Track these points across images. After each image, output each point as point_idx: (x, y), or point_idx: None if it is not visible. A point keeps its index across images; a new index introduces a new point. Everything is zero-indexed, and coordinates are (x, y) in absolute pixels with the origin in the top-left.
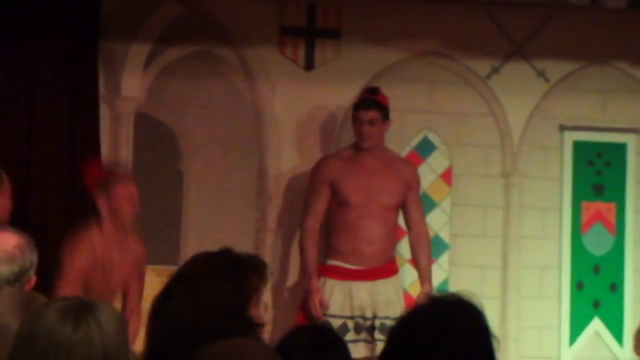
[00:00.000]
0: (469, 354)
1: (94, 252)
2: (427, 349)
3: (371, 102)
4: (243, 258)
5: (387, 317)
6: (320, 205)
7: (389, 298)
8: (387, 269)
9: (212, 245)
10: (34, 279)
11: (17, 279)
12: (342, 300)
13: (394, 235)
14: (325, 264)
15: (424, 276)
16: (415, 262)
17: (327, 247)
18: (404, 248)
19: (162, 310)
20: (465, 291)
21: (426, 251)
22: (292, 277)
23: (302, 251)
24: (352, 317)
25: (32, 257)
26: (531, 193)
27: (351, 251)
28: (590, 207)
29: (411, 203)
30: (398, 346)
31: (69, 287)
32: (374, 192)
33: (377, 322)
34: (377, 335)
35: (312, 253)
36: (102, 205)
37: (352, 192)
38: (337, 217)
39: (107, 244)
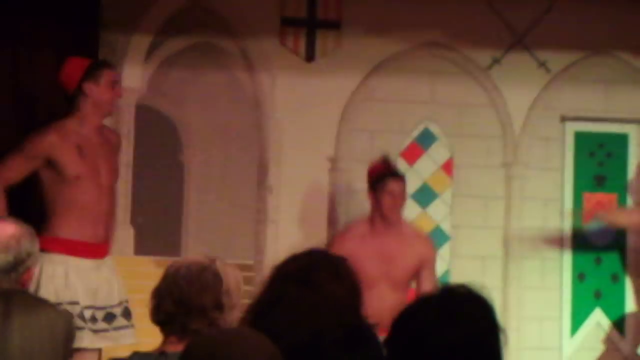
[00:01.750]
0: (470, 343)
1: (65, 137)
2: (428, 334)
3: (398, 173)
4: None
5: None
6: None
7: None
8: None
9: (212, 237)
10: (32, 270)
11: (12, 268)
12: None
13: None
14: None
15: None
16: None
17: None
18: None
19: (274, 312)
20: (474, 283)
21: None
22: None
23: None
24: None
25: (30, 248)
26: (532, 184)
27: None
28: (592, 198)
29: (424, 278)
30: (401, 332)
31: (21, 158)
32: (388, 270)
33: None
34: None
35: None
36: (90, 91)
37: (366, 272)
38: None
39: (87, 131)
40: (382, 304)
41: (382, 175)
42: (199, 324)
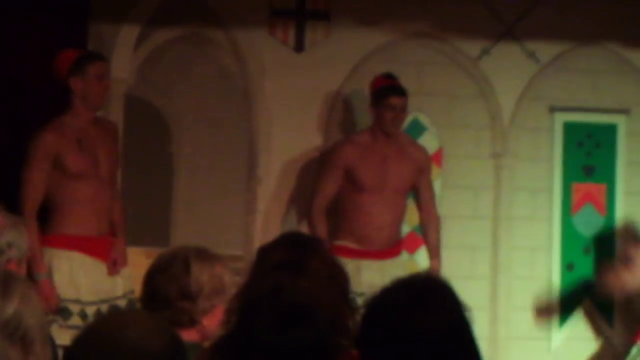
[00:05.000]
0: (443, 327)
1: (65, 133)
2: (400, 324)
3: (401, 88)
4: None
5: None
6: (331, 188)
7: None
8: (394, 249)
9: (202, 227)
10: (18, 263)
11: None
12: (351, 276)
13: (402, 219)
14: (333, 244)
15: (433, 252)
16: (425, 239)
17: (336, 228)
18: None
19: (280, 302)
20: (429, 271)
21: (435, 229)
22: None
23: (312, 227)
24: (362, 294)
25: (12, 239)
26: (521, 174)
27: (361, 235)
28: (581, 188)
29: (422, 186)
30: (371, 326)
31: (36, 170)
32: (388, 178)
33: None
34: None
35: (323, 228)
36: (75, 86)
37: (367, 179)
38: (348, 201)
39: (82, 124)
40: (381, 213)
41: (385, 90)
42: (165, 313)
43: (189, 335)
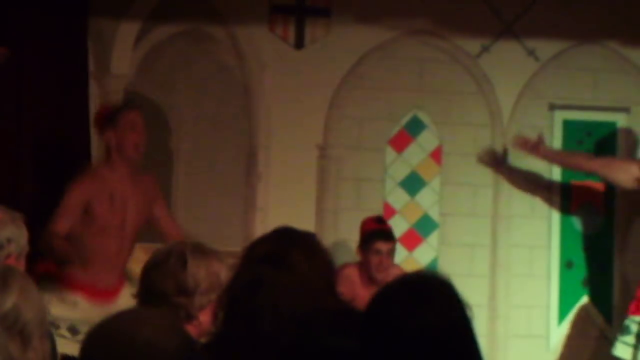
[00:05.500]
0: (443, 323)
1: (100, 184)
2: (402, 321)
3: (389, 233)
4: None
5: None
6: None
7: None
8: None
9: (201, 223)
10: (17, 258)
11: None
12: None
13: None
14: None
15: None
16: None
17: None
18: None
19: (252, 296)
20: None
21: None
22: None
23: None
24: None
25: (11, 235)
26: (521, 172)
27: None
28: (580, 186)
29: None
30: (373, 323)
31: (66, 214)
32: None
33: None
34: None
35: None
36: (109, 139)
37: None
38: None
39: (118, 179)
40: None
41: (372, 234)
42: (162, 309)
43: None
